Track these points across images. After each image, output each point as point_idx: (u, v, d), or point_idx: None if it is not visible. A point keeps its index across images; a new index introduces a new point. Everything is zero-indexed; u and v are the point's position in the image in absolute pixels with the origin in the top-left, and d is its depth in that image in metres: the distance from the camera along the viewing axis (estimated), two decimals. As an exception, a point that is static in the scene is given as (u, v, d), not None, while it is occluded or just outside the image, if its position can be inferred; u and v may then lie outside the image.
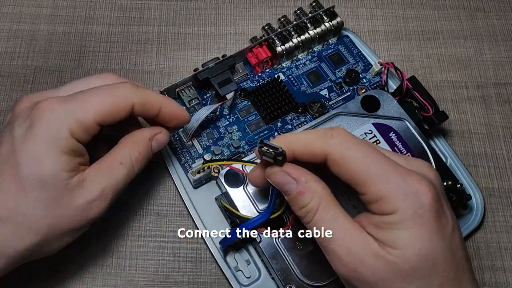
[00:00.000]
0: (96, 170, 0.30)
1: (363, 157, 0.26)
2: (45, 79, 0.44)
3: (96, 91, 0.29)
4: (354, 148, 0.27)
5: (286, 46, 0.42)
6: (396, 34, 0.48)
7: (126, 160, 0.31)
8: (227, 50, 0.46)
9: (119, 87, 0.30)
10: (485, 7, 0.49)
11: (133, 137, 0.32)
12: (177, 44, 0.46)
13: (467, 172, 0.40)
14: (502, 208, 0.41)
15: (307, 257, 0.33)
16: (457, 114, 0.44)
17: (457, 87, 0.45)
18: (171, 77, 0.45)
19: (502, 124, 0.44)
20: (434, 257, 0.25)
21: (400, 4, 0.49)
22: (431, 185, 0.26)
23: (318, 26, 0.43)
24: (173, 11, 0.48)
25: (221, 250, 0.36)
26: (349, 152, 0.27)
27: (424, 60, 0.47)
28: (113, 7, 0.48)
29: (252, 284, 0.36)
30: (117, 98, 0.29)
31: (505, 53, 0.47)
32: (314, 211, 0.27)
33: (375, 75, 0.43)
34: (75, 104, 0.28)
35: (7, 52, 0.45)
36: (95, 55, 0.45)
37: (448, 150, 0.41)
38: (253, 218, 0.33)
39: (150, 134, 0.33)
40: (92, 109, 0.28)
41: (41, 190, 0.27)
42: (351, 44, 0.45)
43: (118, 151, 0.31)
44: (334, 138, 0.27)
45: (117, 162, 0.30)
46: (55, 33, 0.46)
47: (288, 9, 0.48)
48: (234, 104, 0.42)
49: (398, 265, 0.25)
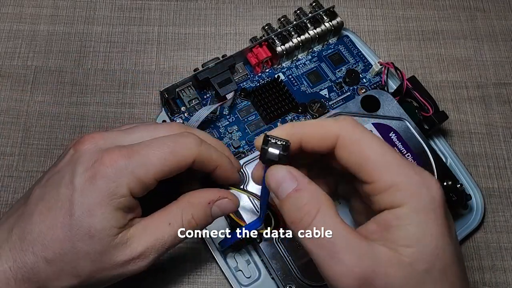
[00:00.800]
0: (143, 228, 0.29)
1: (377, 143, 0.25)
2: (45, 79, 0.44)
3: (160, 146, 0.28)
4: (367, 133, 0.26)
5: (286, 46, 0.42)
6: (396, 34, 0.48)
7: (176, 221, 0.29)
8: (227, 50, 0.46)
9: (184, 143, 0.29)
10: (485, 7, 0.49)
11: (190, 197, 0.30)
12: (177, 44, 0.46)
13: (467, 172, 0.40)
14: (502, 208, 0.41)
15: (307, 257, 0.33)
16: (457, 114, 0.44)
17: (457, 87, 0.45)
18: (171, 77, 0.45)
19: (502, 124, 0.44)
20: (446, 257, 0.23)
21: (400, 4, 0.49)
22: (440, 185, 0.25)
23: (318, 26, 0.43)
24: (173, 11, 0.48)
25: (221, 251, 0.36)
26: (363, 136, 0.26)
27: (424, 60, 0.47)
28: (113, 7, 0.48)
29: (252, 284, 0.36)
30: (180, 156, 0.28)
31: (505, 53, 0.47)
32: (313, 214, 0.24)
33: (375, 75, 0.43)
34: (137, 160, 0.28)
35: (7, 52, 0.45)
36: (95, 55, 0.45)
37: (448, 150, 0.41)
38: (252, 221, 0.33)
39: (211, 198, 0.30)
40: (154, 168, 0.28)
41: (87, 242, 0.27)
42: (351, 44, 0.45)
43: (170, 210, 0.29)
44: (346, 121, 0.26)
45: (166, 222, 0.29)
46: (55, 33, 0.46)
47: (288, 9, 0.48)
48: (234, 104, 0.42)
49: (412, 267, 0.23)
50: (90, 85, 0.44)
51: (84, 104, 0.43)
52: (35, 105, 0.43)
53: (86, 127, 0.42)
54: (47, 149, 0.41)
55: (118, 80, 0.44)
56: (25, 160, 0.41)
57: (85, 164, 0.28)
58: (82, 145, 0.29)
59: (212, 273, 0.37)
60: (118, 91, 0.44)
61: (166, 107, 0.41)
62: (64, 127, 0.42)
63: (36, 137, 0.42)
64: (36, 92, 0.44)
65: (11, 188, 0.40)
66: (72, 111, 0.43)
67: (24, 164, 0.41)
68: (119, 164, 0.27)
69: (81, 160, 0.28)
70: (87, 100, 0.43)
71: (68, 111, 0.43)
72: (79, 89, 0.44)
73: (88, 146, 0.29)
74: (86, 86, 0.44)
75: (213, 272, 0.37)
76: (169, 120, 0.41)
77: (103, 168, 0.27)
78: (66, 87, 0.44)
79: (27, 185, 0.40)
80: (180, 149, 0.28)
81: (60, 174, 0.28)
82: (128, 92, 0.44)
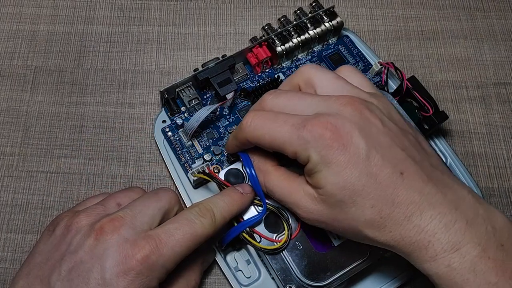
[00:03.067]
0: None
1: (268, 134, 0.30)
2: (45, 79, 0.44)
3: (182, 232, 0.30)
4: (261, 130, 0.31)
5: (286, 46, 0.42)
6: (396, 34, 0.48)
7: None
8: (227, 50, 0.46)
9: (202, 224, 0.31)
10: (485, 7, 0.49)
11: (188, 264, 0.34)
12: (177, 44, 0.46)
13: (467, 172, 0.40)
14: (502, 208, 0.41)
15: (307, 257, 0.33)
16: (457, 114, 0.44)
17: (457, 87, 0.45)
18: (171, 77, 0.45)
19: (502, 124, 0.44)
20: (351, 185, 0.28)
21: (400, 4, 0.49)
22: (327, 123, 0.28)
23: (318, 26, 0.43)
24: (173, 11, 0.48)
25: (221, 250, 0.36)
26: (258, 134, 0.31)
27: (424, 60, 0.47)
28: (113, 7, 0.48)
29: (252, 284, 0.36)
30: (200, 238, 0.31)
31: (505, 53, 0.47)
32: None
33: (375, 75, 0.43)
34: (166, 254, 0.29)
35: (7, 52, 0.45)
36: (95, 55, 0.45)
37: (448, 150, 0.41)
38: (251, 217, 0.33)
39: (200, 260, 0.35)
40: (180, 257, 0.30)
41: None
42: (351, 44, 0.45)
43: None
44: (247, 129, 0.31)
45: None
46: (55, 33, 0.46)
47: (288, 9, 0.48)
48: (234, 104, 0.42)
49: (328, 199, 0.29)
50: (90, 85, 0.44)
51: (84, 104, 0.43)
52: (35, 105, 0.43)
53: (86, 127, 0.42)
54: (47, 149, 0.41)
55: (118, 80, 0.44)
56: (25, 160, 0.41)
57: (115, 258, 0.28)
58: (104, 235, 0.29)
59: (212, 273, 0.37)
60: (118, 91, 0.44)
61: (166, 107, 0.41)
62: (64, 127, 0.42)
63: (36, 137, 0.42)
64: (36, 92, 0.44)
65: (11, 188, 0.40)
66: (72, 111, 0.43)
67: (24, 164, 0.41)
68: (151, 259, 0.28)
69: (109, 254, 0.28)
70: (87, 100, 0.43)
71: (68, 111, 0.43)
72: (79, 89, 0.44)
73: (111, 236, 0.29)
74: (86, 86, 0.44)
75: (213, 272, 0.37)
76: (169, 120, 0.41)
77: (136, 264, 0.28)
78: (66, 87, 0.44)
79: (27, 185, 0.40)
80: (200, 231, 0.30)
81: (85, 266, 0.28)
82: (128, 92, 0.44)
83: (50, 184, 0.40)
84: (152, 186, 0.40)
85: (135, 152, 0.42)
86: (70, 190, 0.40)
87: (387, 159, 0.28)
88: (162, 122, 0.41)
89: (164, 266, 0.29)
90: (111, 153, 0.41)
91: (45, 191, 0.40)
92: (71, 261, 0.28)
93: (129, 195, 0.33)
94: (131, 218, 0.30)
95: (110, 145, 0.42)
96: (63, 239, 0.30)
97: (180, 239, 0.29)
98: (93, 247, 0.28)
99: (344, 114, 0.29)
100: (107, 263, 0.28)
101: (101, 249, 0.28)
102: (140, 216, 0.30)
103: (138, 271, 0.28)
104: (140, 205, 0.31)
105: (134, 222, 0.30)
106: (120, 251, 0.28)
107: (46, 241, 0.31)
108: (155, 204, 0.31)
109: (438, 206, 0.27)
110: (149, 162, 0.41)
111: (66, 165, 0.41)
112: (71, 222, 0.30)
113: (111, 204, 0.32)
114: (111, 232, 0.29)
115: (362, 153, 0.28)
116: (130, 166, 0.41)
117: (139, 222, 0.30)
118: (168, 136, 0.40)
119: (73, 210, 0.33)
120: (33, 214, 0.39)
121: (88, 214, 0.31)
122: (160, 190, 0.33)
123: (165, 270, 0.29)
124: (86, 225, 0.30)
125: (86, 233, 0.29)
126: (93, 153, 0.41)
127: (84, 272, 0.28)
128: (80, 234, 0.29)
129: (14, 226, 0.39)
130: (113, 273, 0.27)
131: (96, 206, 0.32)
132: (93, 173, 0.41)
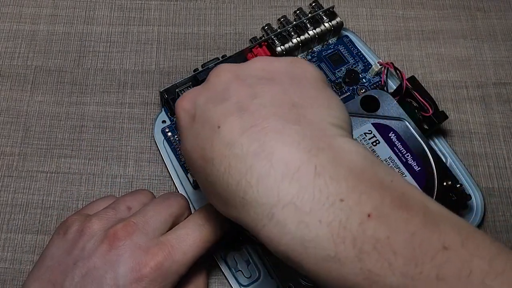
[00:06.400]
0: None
1: None
2: (45, 79, 0.44)
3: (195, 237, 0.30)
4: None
5: (286, 46, 0.42)
6: (396, 34, 0.48)
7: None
8: (227, 50, 0.46)
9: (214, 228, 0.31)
10: (485, 7, 0.49)
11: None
12: (177, 44, 0.46)
13: (467, 172, 0.40)
14: (502, 208, 0.41)
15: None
16: (457, 114, 0.44)
17: (457, 87, 0.45)
18: (171, 77, 0.45)
19: (502, 124, 0.44)
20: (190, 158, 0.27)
21: (400, 4, 0.49)
22: (179, 110, 0.28)
23: (318, 26, 0.43)
24: (173, 11, 0.48)
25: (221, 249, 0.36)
26: None
27: (424, 60, 0.47)
28: (113, 7, 0.48)
29: (252, 284, 0.36)
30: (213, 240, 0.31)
31: (505, 53, 0.47)
32: None
33: (374, 75, 0.43)
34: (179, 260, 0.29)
35: (7, 52, 0.45)
36: (95, 55, 0.45)
37: (448, 150, 0.41)
38: None
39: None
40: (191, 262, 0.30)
41: None
42: (350, 44, 0.45)
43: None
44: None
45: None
46: (55, 33, 0.46)
47: (288, 9, 0.48)
48: (234, 104, 0.42)
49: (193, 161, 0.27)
50: (89, 85, 0.44)
51: (84, 104, 0.43)
52: (35, 105, 0.43)
53: (86, 127, 0.42)
54: (47, 149, 0.41)
55: (117, 80, 0.44)
56: (25, 160, 0.41)
57: (128, 265, 0.28)
58: (118, 241, 0.29)
59: (212, 273, 0.37)
60: (118, 91, 0.44)
61: (166, 107, 0.41)
62: (64, 127, 0.42)
63: (36, 137, 0.42)
64: (36, 92, 0.44)
65: (11, 188, 0.40)
66: (72, 111, 0.43)
67: (24, 164, 0.41)
68: (164, 266, 0.28)
69: (122, 260, 0.28)
70: (87, 100, 0.43)
71: (68, 111, 0.43)
72: (79, 89, 0.44)
73: (124, 243, 0.29)
74: (85, 86, 0.44)
75: (213, 272, 0.37)
76: (169, 121, 0.41)
77: (150, 272, 0.28)
78: (66, 87, 0.44)
79: (27, 185, 0.40)
80: (210, 235, 0.31)
81: (98, 272, 0.28)
82: (128, 92, 0.44)
83: (50, 184, 0.40)
84: (152, 186, 0.40)
85: (135, 152, 0.42)
86: (70, 190, 0.40)
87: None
88: (162, 122, 0.41)
89: (177, 272, 0.29)
90: (111, 153, 0.42)
91: (45, 191, 0.40)
92: (84, 267, 0.28)
93: (139, 198, 0.33)
94: (144, 224, 0.30)
95: (110, 145, 0.42)
96: (76, 244, 0.30)
97: (191, 244, 0.30)
98: (106, 253, 0.28)
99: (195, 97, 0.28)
100: (121, 270, 0.28)
101: (114, 255, 0.28)
102: (152, 222, 0.30)
103: (152, 278, 0.28)
104: (151, 211, 0.31)
105: (146, 228, 0.30)
106: (134, 257, 0.28)
107: (58, 245, 0.31)
108: (167, 210, 0.31)
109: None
110: (149, 162, 0.41)
111: (66, 165, 0.41)
112: (84, 227, 0.30)
113: (121, 207, 0.32)
114: (124, 238, 0.29)
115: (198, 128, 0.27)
116: (130, 166, 0.41)
117: (151, 228, 0.30)
118: (168, 136, 0.40)
119: (82, 213, 0.33)
120: (33, 214, 0.39)
121: (100, 218, 0.31)
122: (171, 196, 0.33)
123: (177, 276, 0.29)
124: (99, 230, 0.30)
125: (99, 238, 0.29)
126: (93, 153, 0.41)
127: (97, 278, 0.28)
128: (93, 239, 0.29)
129: (14, 226, 0.39)
130: (126, 280, 0.28)
131: (107, 210, 0.32)
132: (93, 173, 0.41)
